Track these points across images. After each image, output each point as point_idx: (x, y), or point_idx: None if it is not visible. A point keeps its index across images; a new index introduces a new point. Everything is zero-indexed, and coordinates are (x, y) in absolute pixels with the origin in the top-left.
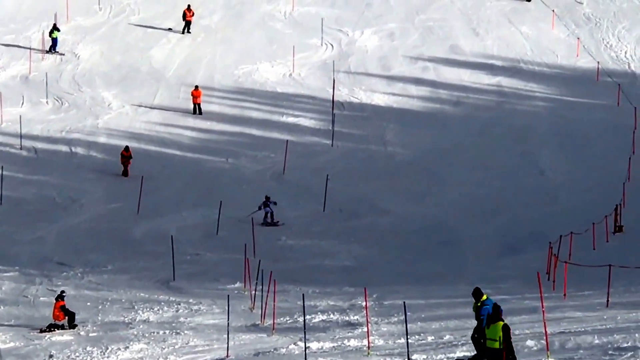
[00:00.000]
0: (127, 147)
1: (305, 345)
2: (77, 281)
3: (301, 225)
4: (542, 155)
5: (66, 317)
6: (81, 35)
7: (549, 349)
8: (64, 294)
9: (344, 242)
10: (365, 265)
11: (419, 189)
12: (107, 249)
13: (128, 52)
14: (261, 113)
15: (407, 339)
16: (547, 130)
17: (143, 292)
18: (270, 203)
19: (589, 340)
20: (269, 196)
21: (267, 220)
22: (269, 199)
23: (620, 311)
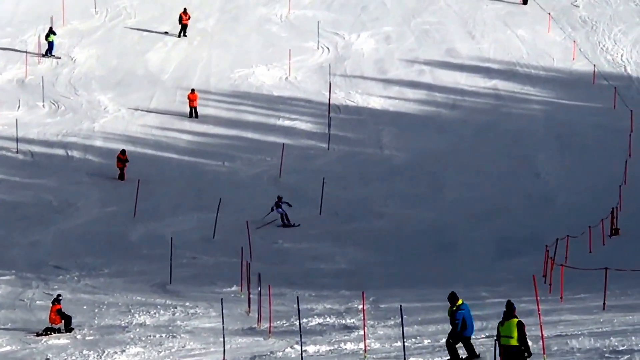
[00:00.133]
0: (123, 150)
1: (301, 349)
2: (74, 285)
3: (297, 228)
4: (539, 159)
5: (63, 321)
6: (77, 38)
7: (545, 352)
8: (60, 298)
9: (340, 246)
10: (361, 268)
11: (415, 192)
12: (104, 252)
13: (124, 55)
14: (257, 116)
15: (404, 342)
16: (543, 134)
17: (139, 295)
18: (282, 204)
19: (586, 343)
20: (282, 196)
21: (284, 222)
22: (282, 199)
23: (617, 314)
